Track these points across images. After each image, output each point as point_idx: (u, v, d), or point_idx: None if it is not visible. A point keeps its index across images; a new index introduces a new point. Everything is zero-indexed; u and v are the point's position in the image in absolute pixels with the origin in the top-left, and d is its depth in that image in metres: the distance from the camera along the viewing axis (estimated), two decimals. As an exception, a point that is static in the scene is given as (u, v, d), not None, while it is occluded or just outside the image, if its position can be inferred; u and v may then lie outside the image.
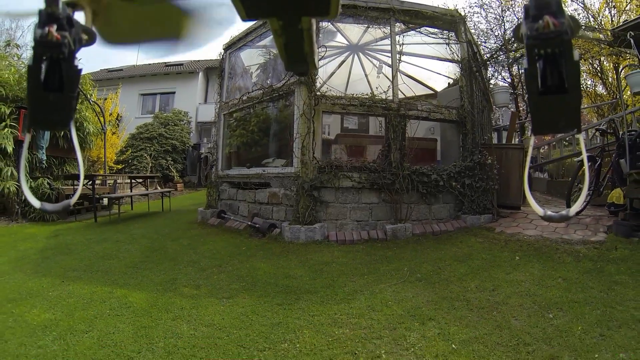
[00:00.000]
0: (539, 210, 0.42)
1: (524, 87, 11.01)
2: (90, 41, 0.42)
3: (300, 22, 0.40)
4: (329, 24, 5.70)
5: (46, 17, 0.37)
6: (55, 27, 0.37)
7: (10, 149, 6.34)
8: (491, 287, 2.87)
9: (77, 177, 7.22)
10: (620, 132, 4.61)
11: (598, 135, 5.65)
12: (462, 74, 5.44)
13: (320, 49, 5.29)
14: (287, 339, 2.10)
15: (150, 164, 11.07)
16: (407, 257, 3.76)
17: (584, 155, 0.45)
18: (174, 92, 14.48)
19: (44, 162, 7.05)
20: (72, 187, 7.19)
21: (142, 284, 3.14)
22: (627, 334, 2.03)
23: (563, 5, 0.36)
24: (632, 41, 4.02)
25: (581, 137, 0.41)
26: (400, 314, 2.39)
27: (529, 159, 0.62)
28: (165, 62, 15.78)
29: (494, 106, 7.46)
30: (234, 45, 6.63)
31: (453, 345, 1.98)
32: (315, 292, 2.84)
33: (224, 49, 6.84)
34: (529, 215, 5.20)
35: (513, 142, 7.16)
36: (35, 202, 0.41)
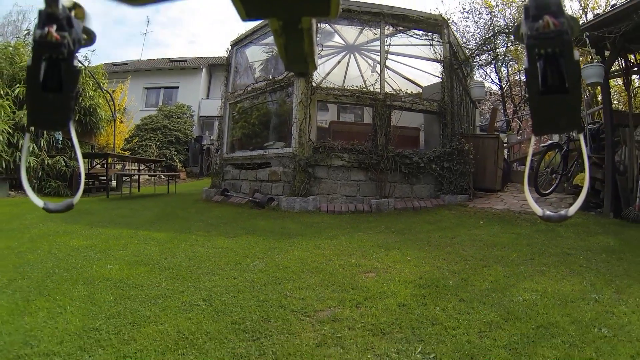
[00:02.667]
0: (537, 209, 0.41)
1: (512, 88, 11.84)
2: (90, 41, 0.42)
3: (300, 22, 0.41)
4: (327, 25, 6.42)
5: (46, 17, 0.37)
6: (54, 27, 0.37)
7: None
8: (451, 236, 3.55)
9: (91, 156, 7.86)
10: (585, 125, 5.35)
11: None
12: (444, 71, 6.17)
13: (318, 46, 6.02)
14: (280, 254, 2.77)
15: (155, 153, 11.75)
16: (386, 221, 4.44)
17: (585, 156, 0.46)
18: (177, 87, 15.22)
19: (60, 142, 7.73)
20: (88, 166, 7.83)
21: (160, 230, 3.81)
22: (552, 259, 2.69)
23: (563, 5, 0.37)
24: (587, 40, 4.73)
25: (581, 136, 0.41)
26: (371, 245, 3.07)
27: (529, 158, 0.59)
28: (169, 58, 16.52)
29: (477, 103, 8.20)
30: (240, 42, 7.36)
31: (407, 258, 2.66)
32: (305, 235, 3.52)
33: (231, 45, 7.57)
34: (502, 196, 5.92)
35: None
36: (39, 202, 0.41)
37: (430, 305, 1.75)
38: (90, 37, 0.42)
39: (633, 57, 5.31)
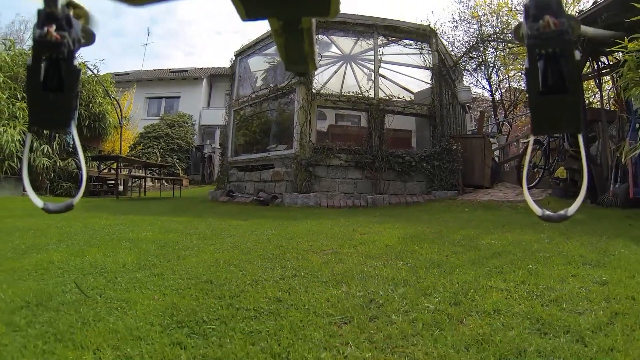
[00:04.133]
0: (537, 210, 0.40)
1: (502, 94, 12.56)
2: (90, 41, 0.42)
3: (300, 22, 0.42)
4: (324, 36, 7.08)
5: (45, 17, 0.38)
6: (54, 27, 0.38)
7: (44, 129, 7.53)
8: (438, 217, 4.07)
9: (101, 158, 8.37)
10: None
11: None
12: (433, 78, 6.81)
13: (317, 57, 6.66)
14: (288, 227, 3.27)
15: (159, 160, 12.29)
16: (380, 211, 4.96)
17: (583, 156, 0.44)
18: (178, 97, 15.90)
19: (71, 145, 8.25)
20: (97, 169, 8.33)
21: (178, 217, 4.31)
22: (521, 226, 3.20)
23: (563, 5, 0.36)
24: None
25: (580, 137, 0.40)
26: (366, 223, 3.59)
27: (527, 159, 0.60)
28: (170, 69, 17.25)
29: (467, 108, 8.85)
30: (244, 53, 8.02)
31: (396, 226, 3.18)
32: (308, 219, 4.03)
33: (234, 56, 8.23)
34: (489, 191, 6.47)
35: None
36: (38, 202, 0.42)
37: (410, 245, 2.27)
38: (90, 37, 0.42)
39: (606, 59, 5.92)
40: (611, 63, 5.54)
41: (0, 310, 1.29)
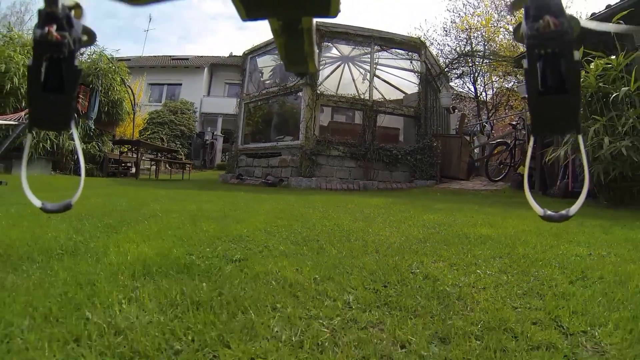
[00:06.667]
0: (538, 209, 0.42)
1: (486, 96, 14.19)
2: (90, 41, 0.44)
3: (300, 22, 0.44)
4: (328, 43, 8.46)
5: (46, 17, 0.39)
6: (55, 27, 0.39)
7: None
8: (415, 199, 5.57)
9: (123, 142, 9.61)
10: (527, 124, 7.50)
11: (512, 128, 8.54)
12: (420, 84, 8.29)
13: (321, 62, 8.05)
14: (301, 199, 4.72)
15: (166, 145, 13.53)
16: (370, 194, 6.45)
17: (584, 156, 0.45)
18: (180, 84, 17.05)
19: (93, 129, 9.47)
20: (118, 152, 9.57)
21: (213, 191, 5.70)
22: (468, 204, 4.72)
23: (563, 5, 0.38)
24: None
25: (580, 138, 0.41)
26: (360, 197, 5.06)
27: (528, 159, 0.59)
28: (171, 56, 18.31)
29: (452, 110, 10.40)
30: (254, 52, 9.33)
31: (383, 199, 4.66)
32: (315, 195, 5.48)
33: (245, 54, 9.54)
34: (462, 182, 8.04)
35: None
36: (36, 202, 0.43)
37: (390, 205, 3.75)
38: (90, 37, 0.44)
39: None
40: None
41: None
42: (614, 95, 3.77)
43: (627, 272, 1.36)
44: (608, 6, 5.73)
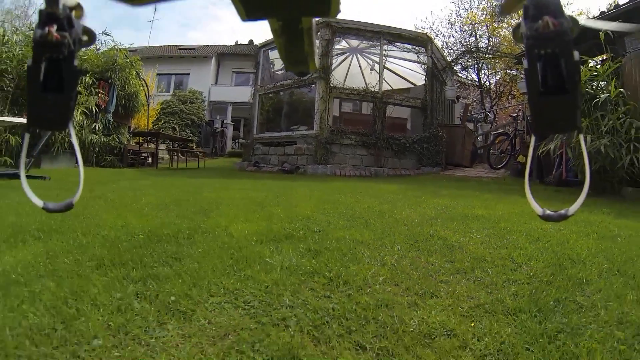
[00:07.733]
0: (537, 209, 0.43)
1: (490, 85, 14.82)
2: (90, 42, 0.44)
3: (300, 22, 0.44)
4: (340, 38, 9.09)
5: (46, 17, 0.40)
6: (55, 27, 0.39)
7: (94, 109, 9.45)
8: (423, 185, 6.36)
9: (143, 134, 10.35)
10: (527, 116, 8.22)
11: (513, 119, 9.26)
12: (426, 76, 8.97)
13: (333, 58, 8.70)
14: (324, 185, 5.50)
15: (178, 135, 14.26)
16: (382, 180, 7.25)
17: (585, 155, 0.47)
18: (188, 74, 17.64)
19: (112, 122, 10.18)
20: (137, 144, 10.31)
21: (241, 181, 6.49)
22: (472, 190, 5.52)
23: (563, 5, 0.39)
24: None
25: (581, 137, 0.42)
26: (375, 184, 5.85)
27: (529, 160, 0.57)
28: (178, 46, 18.82)
29: (457, 100, 11.10)
30: (267, 46, 9.97)
31: (395, 185, 5.45)
32: (333, 182, 6.27)
33: (259, 47, 10.18)
34: (466, 170, 8.82)
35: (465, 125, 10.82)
36: (38, 202, 0.44)
37: (403, 191, 4.55)
38: (90, 37, 0.44)
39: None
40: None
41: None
42: (596, 99, 4.49)
43: (566, 238, 2.16)
44: (617, 6, 6.21)
